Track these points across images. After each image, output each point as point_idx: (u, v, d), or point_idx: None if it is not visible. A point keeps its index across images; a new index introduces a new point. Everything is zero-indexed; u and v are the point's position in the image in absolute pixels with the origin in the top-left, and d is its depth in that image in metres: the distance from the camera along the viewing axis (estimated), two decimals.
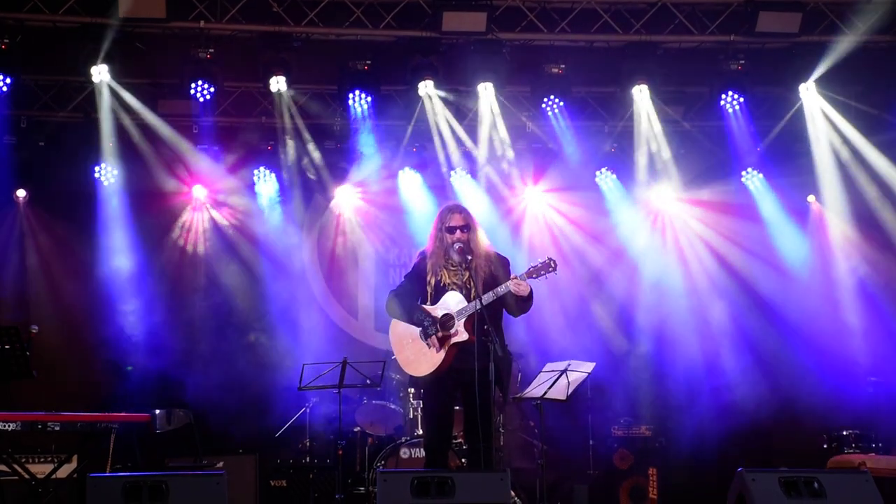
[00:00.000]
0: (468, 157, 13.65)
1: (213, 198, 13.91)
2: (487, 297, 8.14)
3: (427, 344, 8.36)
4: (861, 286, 13.61)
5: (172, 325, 13.52)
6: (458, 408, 8.58)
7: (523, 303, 8.35)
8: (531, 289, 8.25)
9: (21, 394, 11.41)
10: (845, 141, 13.22)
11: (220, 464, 11.63)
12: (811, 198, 13.96)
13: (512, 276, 8.23)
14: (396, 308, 8.58)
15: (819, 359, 13.34)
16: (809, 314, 13.73)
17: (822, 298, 13.78)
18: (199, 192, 13.79)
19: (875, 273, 13.57)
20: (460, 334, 8.26)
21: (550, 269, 8.29)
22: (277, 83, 12.52)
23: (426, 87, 12.66)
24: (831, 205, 13.82)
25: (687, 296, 14.10)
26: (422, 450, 10.62)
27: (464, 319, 8.25)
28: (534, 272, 8.28)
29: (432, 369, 8.33)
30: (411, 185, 13.97)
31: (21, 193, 13.32)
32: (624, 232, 14.18)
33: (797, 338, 13.62)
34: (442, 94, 12.89)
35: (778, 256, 14.00)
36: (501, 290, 8.21)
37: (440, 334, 8.30)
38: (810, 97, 12.99)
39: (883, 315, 13.38)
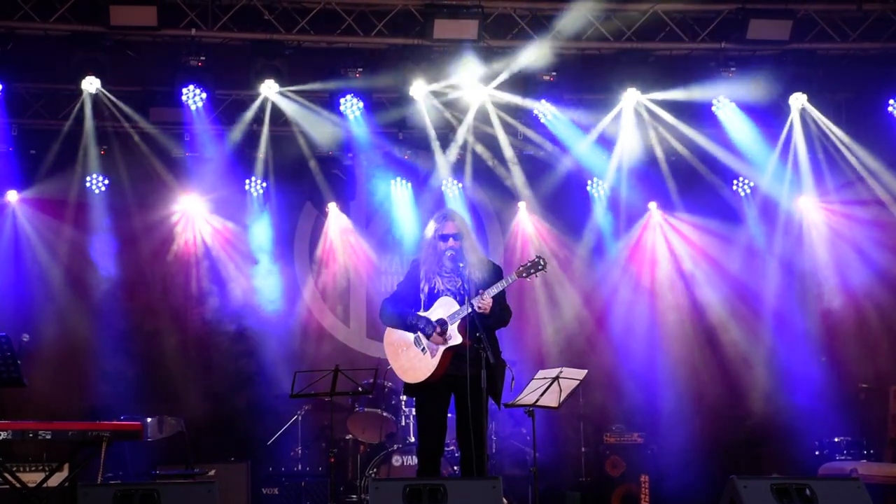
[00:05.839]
0: (460, 165, 13.66)
1: (204, 205, 13.88)
2: (478, 300, 8.15)
3: (422, 349, 8.36)
4: (854, 292, 13.65)
5: (164, 333, 13.51)
6: (450, 415, 8.57)
7: (494, 318, 8.34)
8: (493, 304, 8.23)
9: (12, 402, 11.39)
10: (834, 147, 13.27)
11: (212, 472, 11.63)
12: (800, 202, 13.98)
13: (479, 292, 8.22)
14: (390, 315, 8.58)
15: (810, 366, 13.39)
16: (800, 321, 13.77)
17: (814, 305, 13.83)
18: (190, 199, 13.78)
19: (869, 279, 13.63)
20: (454, 338, 8.26)
21: (540, 267, 8.33)
22: (269, 89, 12.53)
23: (418, 92, 12.66)
24: (820, 209, 13.90)
25: (678, 305, 14.12)
26: (414, 457, 10.62)
27: (457, 323, 8.25)
28: (524, 271, 8.32)
29: (427, 375, 8.32)
30: (403, 193, 13.98)
31: (12, 200, 13.29)
32: (613, 239, 14.20)
33: (788, 345, 13.66)
34: (434, 100, 12.89)
35: (768, 265, 14.03)
36: (492, 290, 8.22)
37: (438, 330, 8.29)
38: (799, 104, 13.02)
39: (876, 322, 13.45)
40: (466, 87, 12.70)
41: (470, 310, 8.07)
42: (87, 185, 13.21)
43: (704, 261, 14.19)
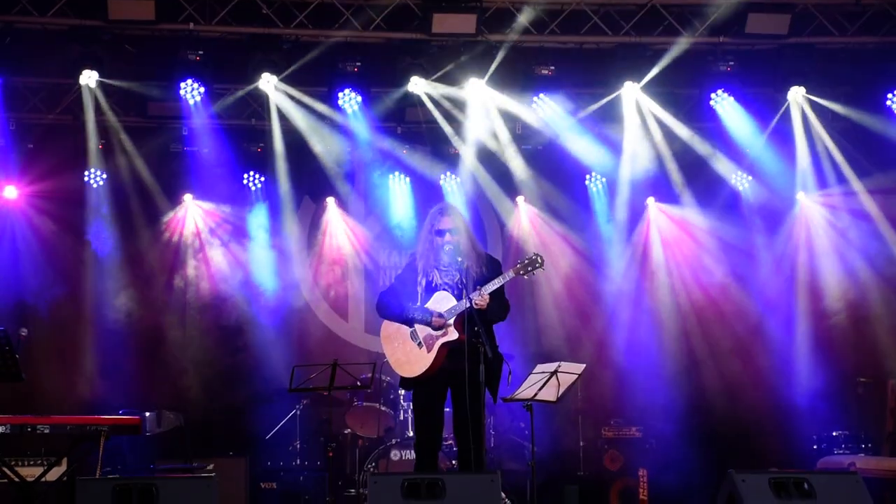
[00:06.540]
0: (458, 159, 13.65)
1: (202, 199, 13.88)
2: (476, 296, 8.16)
3: (418, 344, 8.37)
4: (852, 286, 13.64)
5: (162, 327, 13.51)
6: (448, 409, 8.58)
7: (492, 313, 8.34)
8: (491, 300, 8.24)
9: (10, 397, 11.38)
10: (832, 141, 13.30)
11: (210, 466, 11.62)
12: (800, 195, 13.97)
13: (476, 288, 8.23)
14: (387, 308, 8.60)
15: (808, 360, 13.40)
16: (798, 315, 13.78)
17: (812, 298, 13.83)
18: (188, 193, 13.77)
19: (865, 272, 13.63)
20: (450, 333, 8.27)
21: (537, 265, 8.34)
22: (267, 84, 12.52)
23: (416, 87, 12.66)
24: (818, 203, 13.91)
25: (676, 299, 14.12)
26: (412, 452, 10.61)
27: (453, 318, 8.26)
28: (521, 269, 8.34)
29: (424, 370, 8.34)
30: (401, 187, 13.98)
31: (10, 194, 13.26)
32: (612, 234, 14.19)
33: (786, 339, 13.67)
34: (432, 94, 12.88)
35: (766, 259, 14.03)
36: (490, 287, 8.23)
37: (436, 314, 8.30)
38: (798, 98, 13.04)
39: (874, 315, 13.45)
40: (465, 81, 12.69)
41: (467, 305, 8.08)
42: (86, 178, 13.19)
43: (702, 255, 14.17)
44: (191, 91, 12.39)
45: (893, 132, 12.86)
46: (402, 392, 11.55)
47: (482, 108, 13.08)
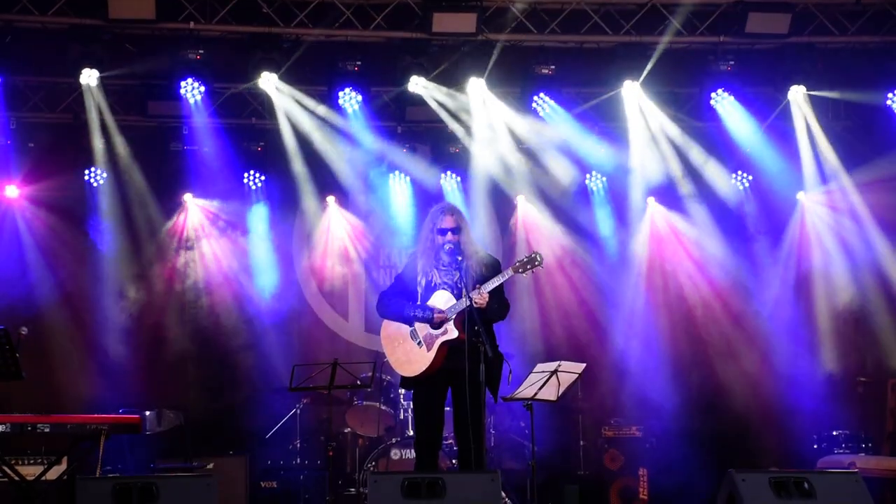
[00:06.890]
0: (458, 158, 13.64)
1: (202, 198, 13.87)
2: (476, 295, 8.16)
3: (418, 343, 8.38)
4: (852, 285, 13.63)
5: (162, 326, 13.50)
6: (448, 409, 8.59)
7: (492, 312, 8.35)
8: (491, 299, 8.24)
9: (11, 396, 11.38)
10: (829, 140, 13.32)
11: (211, 465, 11.62)
12: (800, 195, 13.97)
13: (476, 287, 8.23)
14: (387, 307, 8.60)
15: (809, 360, 13.40)
16: (800, 315, 13.78)
17: (812, 297, 13.82)
18: (188, 193, 13.76)
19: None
20: (450, 332, 8.27)
21: (536, 263, 8.35)
22: (267, 82, 12.52)
23: (416, 86, 12.66)
24: (818, 201, 13.90)
25: (676, 298, 14.12)
26: (412, 451, 10.62)
27: (454, 316, 8.27)
28: (520, 267, 8.35)
29: (423, 369, 8.35)
30: (401, 186, 13.97)
31: (11, 193, 13.25)
32: (611, 233, 14.18)
33: (787, 338, 13.66)
34: (432, 94, 12.88)
35: (766, 259, 14.03)
36: (489, 285, 8.23)
37: (437, 311, 8.31)
38: (798, 98, 13.04)
39: (874, 315, 13.45)
40: (465, 80, 12.70)
41: (467, 304, 8.08)
42: (86, 178, 13.19)
43: (703, 254, 14.16)
44: (191, 90, 12.40)
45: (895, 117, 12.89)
46: (403, 391, 11.54)
47: (482, 107, 13.07)
